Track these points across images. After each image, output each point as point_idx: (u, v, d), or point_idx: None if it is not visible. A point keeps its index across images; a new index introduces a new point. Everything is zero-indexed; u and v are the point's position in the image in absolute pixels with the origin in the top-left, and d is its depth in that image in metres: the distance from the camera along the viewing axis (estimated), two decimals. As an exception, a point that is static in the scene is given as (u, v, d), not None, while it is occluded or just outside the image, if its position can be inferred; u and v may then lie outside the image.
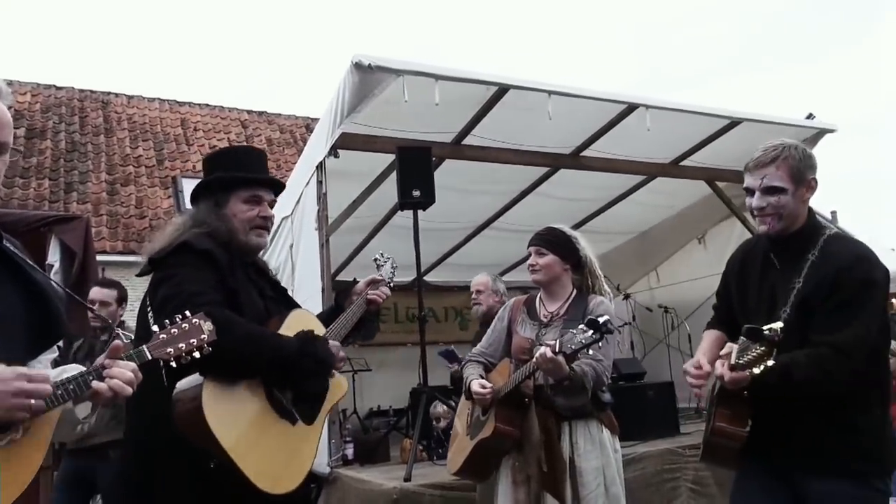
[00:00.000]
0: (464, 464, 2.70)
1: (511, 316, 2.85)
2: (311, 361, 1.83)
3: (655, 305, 7.55)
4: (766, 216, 2.07)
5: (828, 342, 1.91)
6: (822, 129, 5.98)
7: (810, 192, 2.07)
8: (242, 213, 2.01)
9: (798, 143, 2.11)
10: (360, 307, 2.23)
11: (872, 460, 1.97)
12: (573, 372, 2.39)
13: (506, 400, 2.56)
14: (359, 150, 5.03)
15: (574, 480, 2.53)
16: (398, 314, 8.03)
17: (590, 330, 2.22)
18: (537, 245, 2.76)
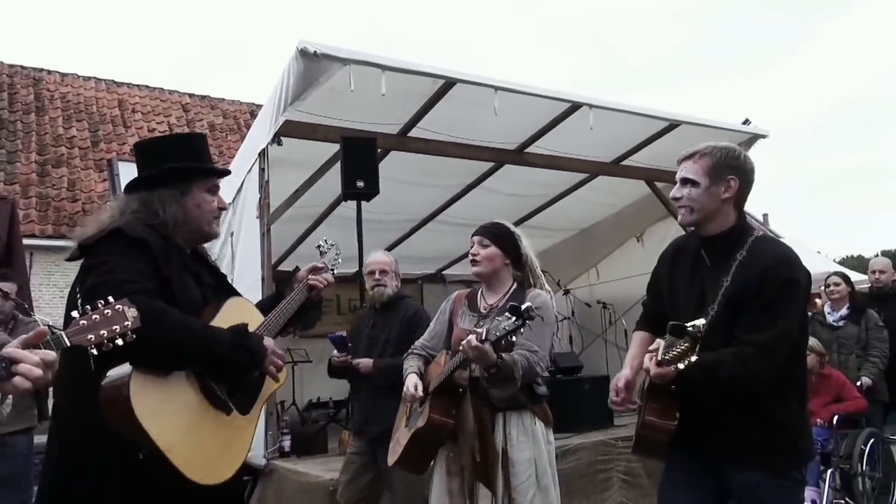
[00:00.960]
0: (401, 455, 2.71)
1: (453, 308, 2.87)
2: (244, 356, 1.79)
3: (594, 301, 7.72)
4: (680, 207, 2.17)
5: (752, 341, 1.99)
6: (754, 133, 6.21)
7: (728, 191, 2.12)
8: (207, 204, 1.97)
9: (732, 147, 2.18)
10: (300, 295, 2.17)
11: (790, 452, 2.07)
12: (501, 360, 2.42)
13: (440, 390, 2.57)
14: (303, 139, 4.96)
15: (506, 471, 2.56)
16: (340, 306, 7.96)
17: (513, 316, 2.25)
18: (481, 235, 2.76)
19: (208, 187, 1.99)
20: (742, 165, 2.15)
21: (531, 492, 2.56)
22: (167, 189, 1.94)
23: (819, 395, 4.67)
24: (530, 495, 2.56)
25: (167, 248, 1.84)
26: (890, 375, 5.01)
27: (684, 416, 2.06)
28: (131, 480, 1.67)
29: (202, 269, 1.99)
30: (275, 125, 4.57)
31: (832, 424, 4.52)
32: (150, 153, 2.05)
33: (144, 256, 1.78)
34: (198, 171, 1.99)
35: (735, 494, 2.11)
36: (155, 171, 1.96)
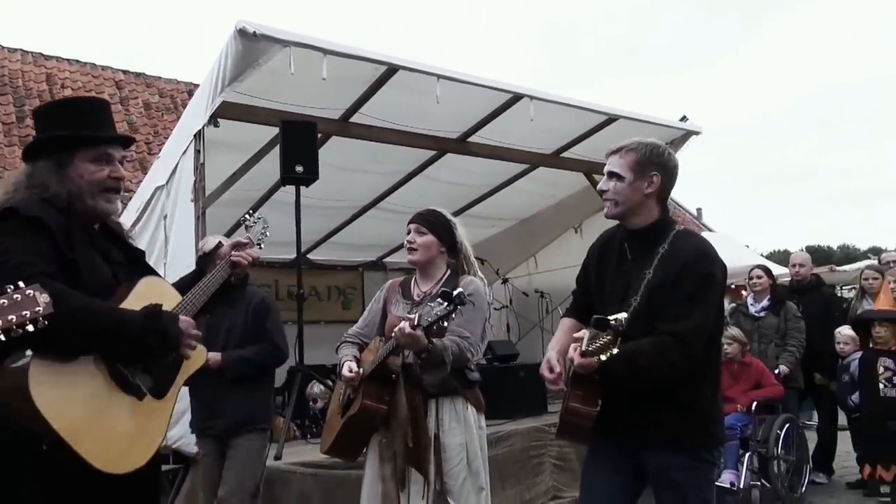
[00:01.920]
0: (334, 442, 2.72)
1: (386, 296, 2.88)
2: (156, 338, 1.70)
3: (532, 290, 7.86)
4: (606, 199, 2.26)
5: (670, 331, 2.08)
6: (688, 130, 6.41)
7: (651, 186, 2.21)
8: (91, 175, 1.81)
9: (658, 144, 2.26)
10: (222, 272, 2.06)
11: (702, 436, 2.17)
12: (432, 345, 2.45)
13: (373, 376, 2.58)
14: (240, 121, 4.85)
15: (438, 456, 2.60)
16: (279, 292, 7.84)
17: (444, 302, 2.28)
18: (418, 223, 2.78)
19: (94, 157, 1.82)
20: (666, 162, 2.24)
21: (462, 476, 2.61)
22: (45, 160, 1.80)
23: (740, 382, 4.90)
24: (461, 479, 2.61)
25: (68, 226, 1.72)
26: (805, 364, 5.29)
27: (606, 403, 2.14)
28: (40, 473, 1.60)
29: (112, 247, 1.89)
30: (211, 106, 4.45)
31: (751, 410, 4.75)
32: (39, 120, 1.92)
33: (42, 236, 1.67)
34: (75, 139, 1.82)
35: (651, 476, 2.21)
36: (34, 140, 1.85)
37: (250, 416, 3.28)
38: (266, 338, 3.33)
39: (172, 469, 4.76)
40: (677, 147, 6.64)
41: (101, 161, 1.84)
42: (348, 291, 8.27)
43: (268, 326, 3.33)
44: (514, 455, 4.92)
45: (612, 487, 2.25)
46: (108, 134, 1.90)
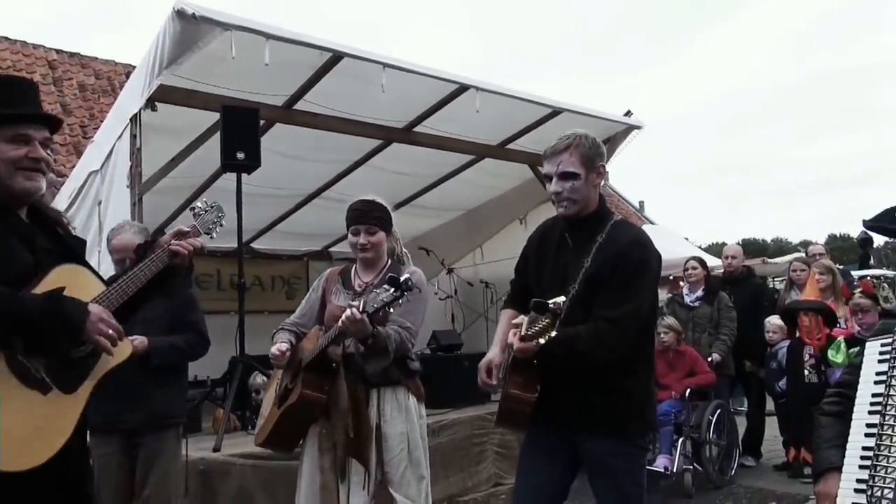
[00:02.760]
0: (270, 433, 2.67)
1: (325, 286, 2.85)
2: (55, 322, 1.61)
3: (477, 280, 7.92)
4: (563, 200, 2.25)
5: (606, 317, 2.13)
6: (630, 125, 6.56)
7: (599, 177, 2.27)
8: (4, 154, 1.73)
9: (588, 133, 2.31)
10: (158, 261, 1.98)
11: (635, 421, 2.24)
12: (377, 332, 2.45)
13: (313, 366, 2.56)
14: (180, 105, 4.72)
15: (379, 445, 2.60)
16: (221, 281, 7.69)
17: (392, 288, 2.29)
18: (368, 224, 2.71)
19: (10, 136, 1.74)
20: (603, 152, 2.32)
21: (403, 465, 2.62)
22: None
23: (675, 370, 5.07)
24: (402, 468, 2.62)
25: None
26: (736, 352, 5.50)
27: (543, 389, 2.18)
28: None
29: (39, 233, 1.81)
30: (148, 89, 4.32)
31: (685, 397, 4.92)
32: None
33: None
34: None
35: (586, 461, 2.27)
36: None
37: (169, 409, 3.13)
38: (192, 328, 3.20)
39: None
40: (620, 141, 6.79)
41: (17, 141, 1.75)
42: (293, 281, 8.16)
43: (192, 317, 3.22)
44: (456, 443, 4.97)
45: (546, 473, 2.30)
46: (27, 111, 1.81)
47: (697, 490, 4.83)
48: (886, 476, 1.53)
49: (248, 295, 4.93)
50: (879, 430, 1.59)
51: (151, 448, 3.06)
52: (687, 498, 4.73)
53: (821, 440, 1.85)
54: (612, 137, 6.73)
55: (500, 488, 4.93)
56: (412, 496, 2.62)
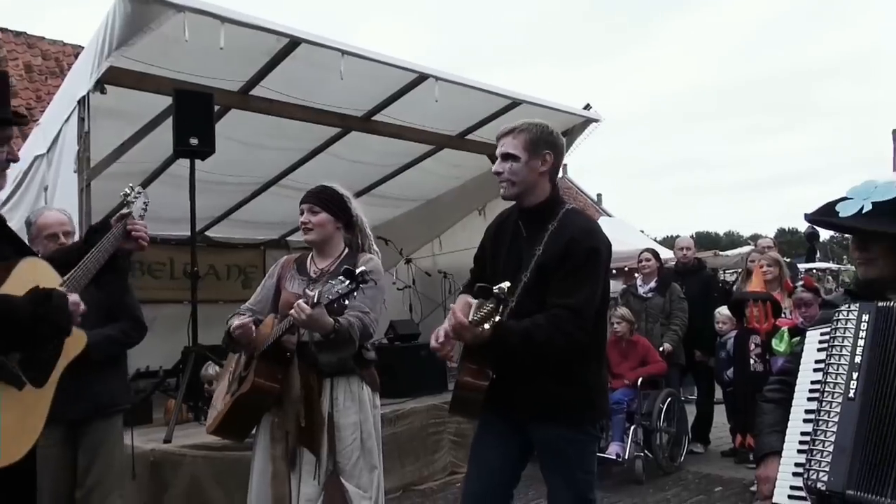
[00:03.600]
0: (221, 422, 2.63)
1: (281, 272, 2.81)
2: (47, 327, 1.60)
3: (436, 271, 7.93)
4: (503, 181, 2.31)
5: (563, 304, 2.16)
6: (589, 118, 6.62)
7: (545, 165, 2.29)
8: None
9: (546, 124, 2.33)
10: (110, 245, 1.95)
11: (586, 409, 2.28)
12: (339, 324, 2.43)
13: (267, 354, 2.53)
14: (131, 88, 4.59)
15: (332, 435, 2.58)
16: (174, 270, 7.52)
17: (346, 280, 2.27)
18: (311, 203, 2.72)
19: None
20: (555, 141, 2.33)
21: (355, 455, 2.60)
22: None
23: (628, 360, 5.18)
24: (354, 458, 2.60)
25: None
26: (687, 342, 5.64)
27: (495, 377, 2.20)
28: None
29: None
30: (97, 71, 4.18)
31: (637, 386, 5.03)
32: None
33: None
34: None
35: (537, 448, 2.30)
36: None
37: (112, 397, 3.06)
38: (127, 313, 3.12)
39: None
40: (578, 133, 6.86)
41: None
42: (249, 270, 8.03)
43: (128, 301, 3.15)
44: (413, 432, 4.99)
45: (498, 459, 2.32)
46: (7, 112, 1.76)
47: (648, 476, 4.95)
48: (822, 460, 1.60)
49: (202, 284, 4.84)
50: (817, 415, 1.66)
51: (94, 437, 2.98)
52: (637, 484, 4.84)
53: (762, 426, 1.91)
54: (571, 130, 6.79)
55: (455, 477, 4.97)
56: (364, 486, 2.61)
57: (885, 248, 1.73)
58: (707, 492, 4.72)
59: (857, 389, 1.62)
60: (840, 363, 1.66)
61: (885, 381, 1.59)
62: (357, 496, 2.58)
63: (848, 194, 1.80)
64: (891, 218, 1.70)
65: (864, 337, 1.66)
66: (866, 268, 1.79)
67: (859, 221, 1.74)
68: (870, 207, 1.73)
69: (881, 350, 1.62)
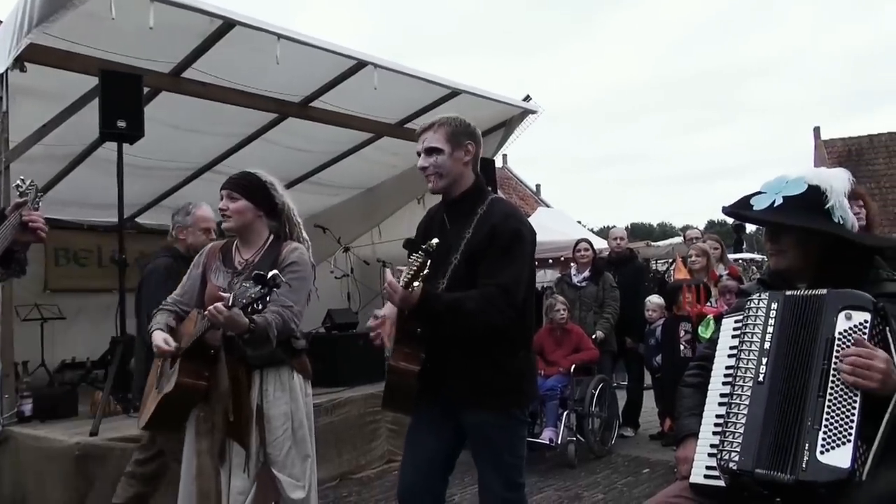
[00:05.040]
0: (151, 418, 2.56)
1: (206, 262, 2.73)
2: None
3: (375, 259, 7.90)
4: (429, 175, 2.35)
5: (493, 283, 2.22)
6: (527, 108, 6.70)
7: (468, 155, 2.35)
8: None
9: (459, 116, 2.39)
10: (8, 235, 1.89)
11: (514, 393, 2.33)
12: (254, 324, 2.38)
13: (190, 353, 2.47)
14: (54, 67, 4.38)
15: (261, 426, 2.55)
16: (102, 258, 7.26)
17: (259, 285, 2.22)
18: (229, 189, 2.63)
19: None
20: (474, 132, 2.39)
21: (287, 445, 2.57)
22: None
23: (561, 347, 5.30)
24: (286, 449, 2.57)
25: None
26: (618, 329, 5.81)
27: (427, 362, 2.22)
28: None
29: None
30: (16, 48, 3.98)
31: (570, 372, 5.16)
32: None
33: None
34: None
35: (468, 433, 2.35)
36: None
37: None
38: None
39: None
40: (517, 124, 6.94)
41: None
42: (182, 258, 7.82)
43: None
44: (350, 421, 4.98)
45: (432, 445, 2.35)
46: None
47: (580, 460, 5.09)
48: (734, 441, 1.68)
49: (131, 272, 4.68)
50: (730, 399, 1.75)
51: None
52: (570, 468, 4.98)
53: (682, 409, 2.00)
54: (510, 121, 6.87)
55: (393, 465, 4.99)
56: (296, 476, 2.59)
57: (793, 241, 1.83)
58: (635, 473, 4.89)
59: (766, 374, 1.71)
60: (751, 349, 1.76)
61: (791, 366, 1.68)
62: (290, 486, 2.56)
63: (762, 188, 1.90)
64: (799, 212, 1.79)
65: (773, 324, 1.75)
66: (777, 259, 1.89)
67: (770, 215, 1.84)
68: (780, 202, 1.82)
69: (788, 336, 1.72)
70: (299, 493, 2.59)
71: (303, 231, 2.77)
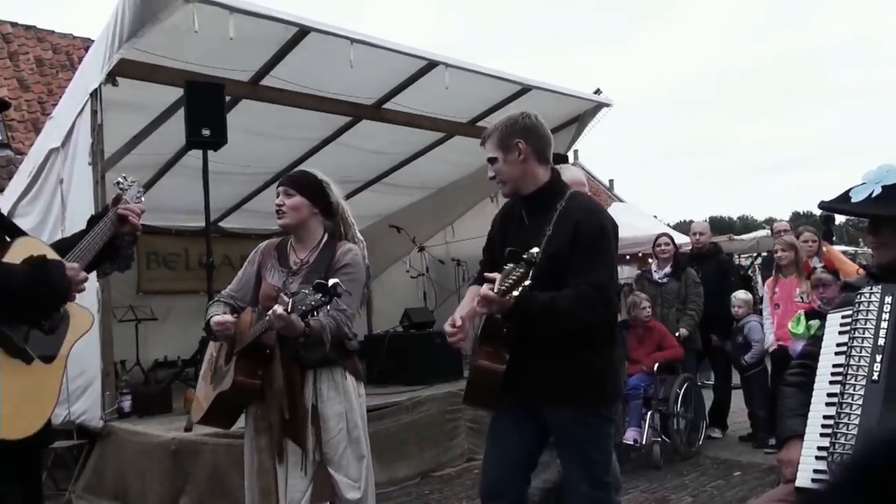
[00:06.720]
0: (206, 413, 2.62)
1: (261, 260, 2.75)
2: (47, 290, 1.61)
3: (449, 258, 7.92)
4: (497, 183, 2.36)
5: (585, 281, 2.17)
6: (600, 102, 6.57)
7: (522, 153, 2.29)
8: None
9: (512, 115, 2.34)
10: (107, 227, 1.96)
11: (598, 391, 2.27)
12: (309, 328, 2.39)
13: (246, 352, 2.50)
14: (142, 80, 4.60)
15: (317, 426, 2.56)
16: (189, 261, 7.59)
17: (319, 293, 2.23)
18: (285, 185, 2.65)
19: None
20: (525, 127, 2.31)
21: (342, 445, 2.58)
22: None
23: (644, 345, 5.15)
24: (341, 449, 2.58)
25: None
26: (703, 326, 5.60)
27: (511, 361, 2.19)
28: None
29: None
30: (108, 63, 4.20)
31: (653, 371, 5.01)
32: None
33: None
34: None
35: (552, 431, 2.31)
36: None
37: None
38: None
39: (77, 444, 4.58)
40: (590, 118, 6.81)
41: None
42: (262, 260, 8.07)
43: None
44: (430, 419, 5.01)
45: (514, 443, 2.32)
46: None
47: (665, 461, 4.93)
48: (846, 443, 1.58)
49: (217, 274, 4.85)
50: (840, 398, 1.64)
51: None
52: (655, 469, 4.83)
53: (784, 409, 1.90)
54: (582, 115, 6.75)
55: (473, 463, 4.98)
56: (352, 476, 2.59)
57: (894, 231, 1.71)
58: (726, 476, 4.70)
59: (881, 371, 1.60)
60: (863, 346, 1.65)
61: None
62: (346, 486, 2.57)
63: (862, 179, 1.79)
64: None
65: (888, 319, 1.63)
66: (880, 252, 1.77)
67: (870, 206, 1.73)
68: (879, 191, 1.71)
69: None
70: (355, 493, 2.59)
71: (357, 231, 2.76)
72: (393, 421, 4.75)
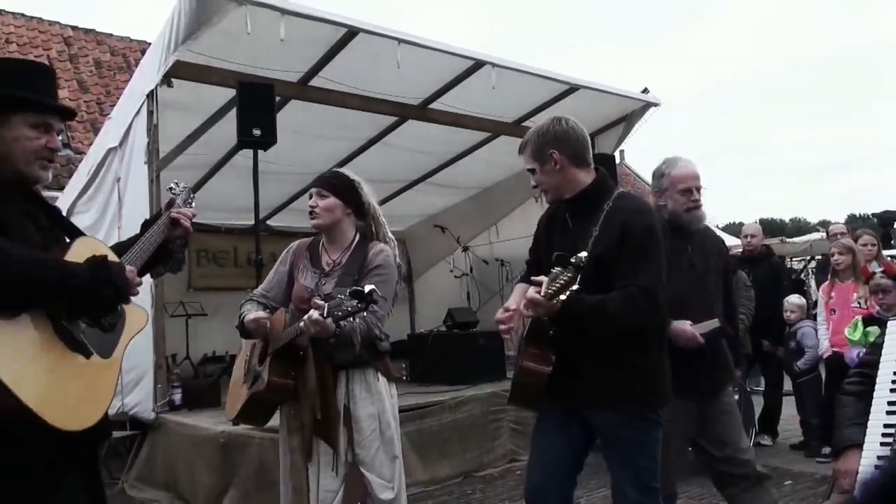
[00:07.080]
0: (240, 412, 2.66)
1: (294, 261, 2.75)
2: (108, 288, 1.66)
3: (493, 259, 7.91)
4: (540, 192, 2.37)
5: (633, 283, 2.13)
6: (647, 101, 6.47)
7: (557, 163, 2.27)
8: (28, 141, 1.74)
9: (544, 125, 2.31)
10: (160, 230, 2.00)
11: (646, 394, 2.23)
12: (339, 329, 2.38)
13: (280, 354, 2.52)
14: (196, 82, 4.72)
15: (349, 427, 2.57)
16: (238, 258, 7.76)
17: (355, 300, 2.23)
18: (318, 187, 2.65)
19: (33, 123, 1.76)
20: (556, 134, 2.27)
21: (375, 446, 2.59)
22: None
23: (691, 349, 5.04)
24: (374, 449, 2.59)
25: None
26: (754, 331, 5.46)
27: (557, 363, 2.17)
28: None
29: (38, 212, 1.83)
30: (164, 65, 4.33)
31: (701, 375, 4.89)
32: None
33: None
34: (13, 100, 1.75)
35: (598, 434, 2.28)
36: None
37: None
38: None
39: (130, 435, 4.73)
40: (637, 118, 6.71)
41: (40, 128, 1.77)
42: (309, 258, 8.20)
43: None
44: (473, 419, 5.01)
45: (560, 446, 2.30)
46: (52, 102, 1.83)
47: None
48: (908, 454, 1.52)
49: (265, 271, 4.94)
50: (902, 408, 1.58)
51: None
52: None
53: (842, 418, 1.84)
54: (629, 115, 6.66)
55: (515, 464, 4.96)
56: (386, 476, 2.59)
57: None
58: (777, 485, 4.56)
59: (948, 381, 1.53)
60: (928, 353, 1.58)
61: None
62: (379, 486, 2.57)
63: None
64: None
65: (956, 326, 1.57)
66: None
67: None
68: None
69: (975, 340, 1.53)
70: (388, 493, 2.59)
71: (388, 232, 2.75)
72: (435, 420, 4.77)
